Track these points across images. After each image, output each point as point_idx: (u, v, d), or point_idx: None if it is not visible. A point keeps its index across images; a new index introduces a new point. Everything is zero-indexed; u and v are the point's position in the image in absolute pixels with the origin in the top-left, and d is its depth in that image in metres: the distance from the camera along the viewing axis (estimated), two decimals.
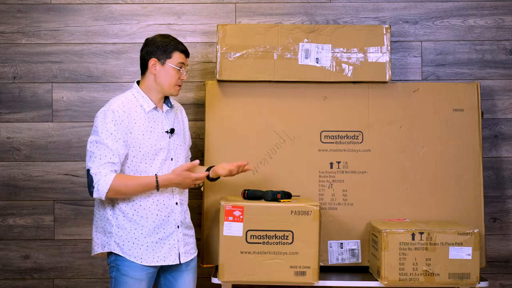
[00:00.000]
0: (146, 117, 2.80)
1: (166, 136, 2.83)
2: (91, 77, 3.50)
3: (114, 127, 2.71)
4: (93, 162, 2.68)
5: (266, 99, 3.26)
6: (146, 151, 2.77)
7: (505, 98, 3.51)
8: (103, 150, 2.68)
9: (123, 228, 2.75)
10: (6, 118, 3.49)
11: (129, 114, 2.75)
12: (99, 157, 2.68)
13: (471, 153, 3.25)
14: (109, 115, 2.72)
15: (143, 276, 2.76)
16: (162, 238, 2.79)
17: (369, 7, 3.50)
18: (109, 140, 2.69)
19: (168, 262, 2.80)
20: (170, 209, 2.82)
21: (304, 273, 2.88)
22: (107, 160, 2.68)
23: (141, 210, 2.76)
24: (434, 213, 3.22)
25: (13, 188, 3.49)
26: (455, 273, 2.92)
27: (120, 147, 2.70)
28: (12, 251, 3.49)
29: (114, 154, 2.69)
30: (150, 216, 2.77)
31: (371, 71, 3.24)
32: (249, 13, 3.50)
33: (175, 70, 2.81)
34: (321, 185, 3.23)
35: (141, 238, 2.76)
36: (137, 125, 2.76)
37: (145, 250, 2.76)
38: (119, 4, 3.50)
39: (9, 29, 3.49)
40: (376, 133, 3.26)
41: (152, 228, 2.77)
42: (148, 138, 2.78)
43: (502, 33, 3.51)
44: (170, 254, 2.80)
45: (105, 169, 2.67)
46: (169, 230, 2.81)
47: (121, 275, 2.75)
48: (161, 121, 2.84)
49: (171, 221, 2.82)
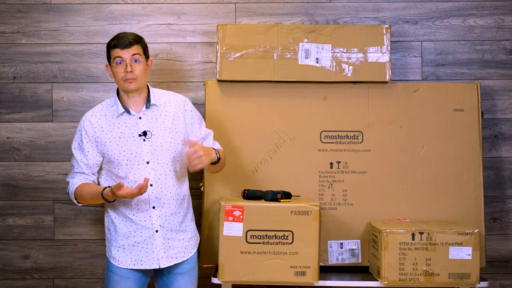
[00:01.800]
0: (116, 122, 2.82)
1: (139, 139, 2.80)
2: (91, 77, 3.50)
3: (80, 137, 2.85)
4: (70, 171, 2.90)
5: (266, 99, 3.26)
6: (114, 157, 2.79)
7: (505, 98, 3.51)
8: (74, 161, 2.87)
9: (109, 230, 2.88)
10: (6, 118, 3.49)
11: (96, 124, 2.82)
12: (72, 167, 2.88)
13: (471, 153, 3.25)
14: (81, 125, 2.87)
15: (128, 274, 2.82)
16: (139, 242, 2.81)
17: (369, 7, 3.50)
18: (76, 151, 2.87)
19: (145, 266, 2.81)
20: (146, 213, 2.81)
21: (304, 273, 2.88)
22: (75, 170, 2.87)
23: (120, 214, 2.83)
24: (434, 213, 3.22)
25: (13, 188, 3.49)
26: (455, 273, 2.92)
27: (86, 157, 2.83)
28: (12, 251, 3.49)
29: (79, 164, 2.84)
30: (128, 220, 2.81)
31: (371, 71, 3.24)
32: (249, 13, 3.50)
33: (116, 66, 2.78)
34: (321, 185, 3.23)
35: (118, 240, 2.83)
36: (104, 133, 2.81)
37: (122, 253, 2.82)
38: (119, 4, 3.50)
39: (9, 29, 3.49)
40: (376, 133, 3.26)
41: (128, 231, 2.81)
42: (116, 145, 2.79)
43: (502, 33, 3.51)
44: (148, 258, 2.81)
45: (74, 178, 2.86)
46: (146, 234, 2.81)
47: (109, 272, 2.88)
48: (134, 124, 2.81)
49: (148, 225, 2.81)
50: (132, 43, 2.77)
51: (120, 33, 2.83)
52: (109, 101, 2.89)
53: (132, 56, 2.77)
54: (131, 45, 2.77)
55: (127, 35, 2.79)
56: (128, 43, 2.76)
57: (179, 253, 2.86)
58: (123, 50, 2.76)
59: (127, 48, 2.76)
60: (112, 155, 2.79)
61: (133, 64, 2.77)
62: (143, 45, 2.83)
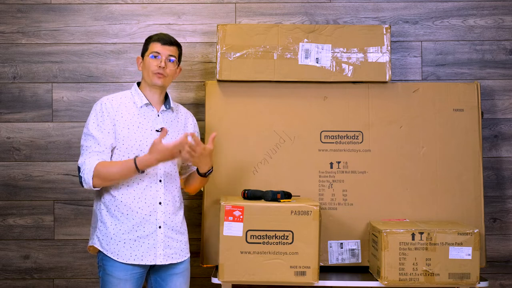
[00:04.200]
0: (137, 113, 2.83)
1: (155, 134, 2.83)
2: (91, 77, 3.50)
3: (100, 118, 2.78)
4: (82, 155, 2.77)
5: (266, 99, 3.26)
6: (129, 145, 2.79)
7: (505, 98, 3.51)
8: (90, 141, 2.76)
9: (104, 223, 2.79)
10: (6, 118, 3.49)
11: (117, 108, 2.81)
12: (86, 149, 2.76)
13: (471, 153, 3.25)
14: (97, 108, 2.81)
15: (127, 276, 2.75)
16: (141, 237, 2.78)
17: (369, 7, 3.51)
18: (95, 131, 2.76)
19: (145, 262, 2.78)
20: (152, 208, 2.80)
21: (304, 273, 2.88)
22: (93, 149, 2.75)
23: (122, 206, 2.78)
24: (434, 213, 3.22)
25: (13, 188, 3.49)
26: (455, 273, 2.92)
27: (106, 137, 2.76)
28: (12, 251, 3.49)
29: (99, 143, 2.75)
30: (130, 213, 2.77)
31: (371, 71, 3.24)
32: (249, 13, 3.50)
33: (151, 59, 2.84)
34: (321, 185, 3.23)
35: (119, 234, 2.76)
36: (123, 119, 2.80)
37: (122, 247, 2.76)
38: (119, 4, 3.51)
39: (9, 29, 3.49)
40: (376, 133, 3.26)
41: (131, 225, 2.77)
42: (134, 133, 2.80)
43: (502, 33, 3.51)
44: (149, 254, 2.78)
45: (90, 158, 2.73)
46: (149, 229, 2.79)
47: (106, 275, 2.77)
48: (153, 119, 2.85)
49: (152, 220, 2.80)
50: (172, 43, 2.89)
51: (163, 33, 2.93)
52: (126, 93, 2.90)
53: (169, 55, 2.86)
54: (171, 45, 2.88)
55: (169, 36, 2.91)
56: (169, 42, 2.88)
57: (175, 254, 2.85)
58: (163, 46, 2.86)
59: (167, 46, 2.87)
60: (128, 142, 2.78)
61: (167, 62, 2.86)
62: (180, 52, 2.95)
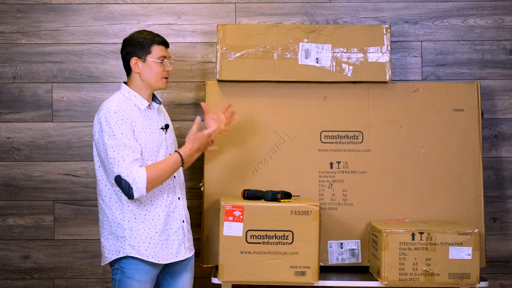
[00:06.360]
0: (142, 115, 2.78)
1: (162, 132, 2.84)
2: (91, 77, 3.50)
3: (122, 125, 2.68)
4: (120, 166, 2.64)
5: (266, 99, 3.26)
6: (150, 148, 2.76)
7: (505, 98, 3.51)
8: (123, 151, 2.65)
9: (136, 230, 2.72)
10: (6, 118, 3.49)
11: (129, 113, 2.73)
12: (123, 159, 2.65)
13: (471, 153, 3.25)
14: (113, 116, 2.68)
15: (147, 278, 2.74)
16: (171, 234, 2.79)
17: (369, 7, 3.50)
18: (125, 139, 2.67)
19: (179, 258, 2.81)
20: (174, 204, 2.83)
21: (304, 273, 2.88)
22: (131, 158, 2.65)
23: (153, 209, 2.76)
24: (434, 213, 3.22)
25: (13, 188, 3.49)
26: (455, 273, 2.92)
27: (135, 144, 2.69)
28: (12, 251, 3.49)
29: (134, 150, 2.67)
30: (161, 214, 2.77)
31: (371, 71, 3.24)
32: (249, 13, 3.50)
33: (158, 64, 2.80)
34: (321, 185, 3.23)
35: (155, 236, 2.74)
36: (137, 123, 2.74)
37: (160, 248, 2.75)
38: (119, 4, 3.50)
39: (9, 29, 3.49)
40: (376, 133, 3.26)
41: (164, 224, 2.77)
42: (149, 135, 2.78)
43: (502, 33, 3.51)
44: (180, 249, 2.82)
45: (132, 168, 2.65)
46: (176, 225, 2.81)
47: (125, 278, 2.72)
48: (155, 118, 2.85)
49: (177, 216, 2.83)
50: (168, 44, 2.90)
51: (156, 33, 2.87)
52: (120, 97, 2.79)
53: (169, 57, 2.88)
54: (168, 46, 2.88)
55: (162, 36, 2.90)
56: (168, 43, 2.87)
57: (192, 246, 2.91)
58: (166, 50, 2.86)
59: (167, 48, 2.87)
60: (146, 145, 2.74)
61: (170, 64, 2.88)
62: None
